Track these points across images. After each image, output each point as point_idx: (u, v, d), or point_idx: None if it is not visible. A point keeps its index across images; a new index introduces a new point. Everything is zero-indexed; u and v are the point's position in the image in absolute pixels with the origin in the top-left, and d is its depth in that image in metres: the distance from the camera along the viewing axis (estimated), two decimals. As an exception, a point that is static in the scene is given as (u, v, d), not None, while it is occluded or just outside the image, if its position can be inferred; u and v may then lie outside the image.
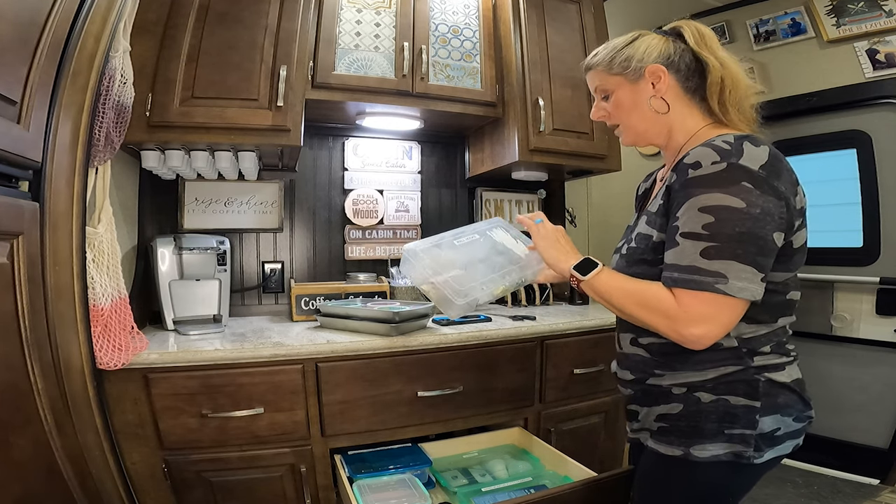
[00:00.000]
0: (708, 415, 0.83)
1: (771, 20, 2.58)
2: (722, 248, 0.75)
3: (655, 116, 0.93)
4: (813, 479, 2.31)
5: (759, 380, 0.82)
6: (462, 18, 1.90)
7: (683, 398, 0.86)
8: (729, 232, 0.74)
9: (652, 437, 0.91)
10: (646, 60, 0.91)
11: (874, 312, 2.29)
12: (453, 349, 1.49)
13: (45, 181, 0.97)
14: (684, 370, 0.86)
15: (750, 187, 0.75)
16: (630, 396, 0.98)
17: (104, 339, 1.14)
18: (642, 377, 0.92)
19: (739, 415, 0.81)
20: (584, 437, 1.72)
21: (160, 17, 1.44)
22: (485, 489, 1.32)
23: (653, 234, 0.87)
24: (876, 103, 2.28)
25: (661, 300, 0.79)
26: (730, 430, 0.81)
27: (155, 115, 1.40)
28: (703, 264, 0.75)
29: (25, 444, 0.91)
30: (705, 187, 0.76)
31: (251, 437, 1.29)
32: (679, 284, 0.77)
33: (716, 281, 0.74)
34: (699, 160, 0.78)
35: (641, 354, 0.92)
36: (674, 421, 0.87)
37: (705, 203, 0.76)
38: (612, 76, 0.95)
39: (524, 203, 2.42)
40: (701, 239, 0.76)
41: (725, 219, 0.74)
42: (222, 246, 1.68)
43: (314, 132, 2.03)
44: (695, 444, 0.83)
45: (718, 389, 0.83)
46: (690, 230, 0.77)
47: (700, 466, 0.83)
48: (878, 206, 2.30)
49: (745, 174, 0.75)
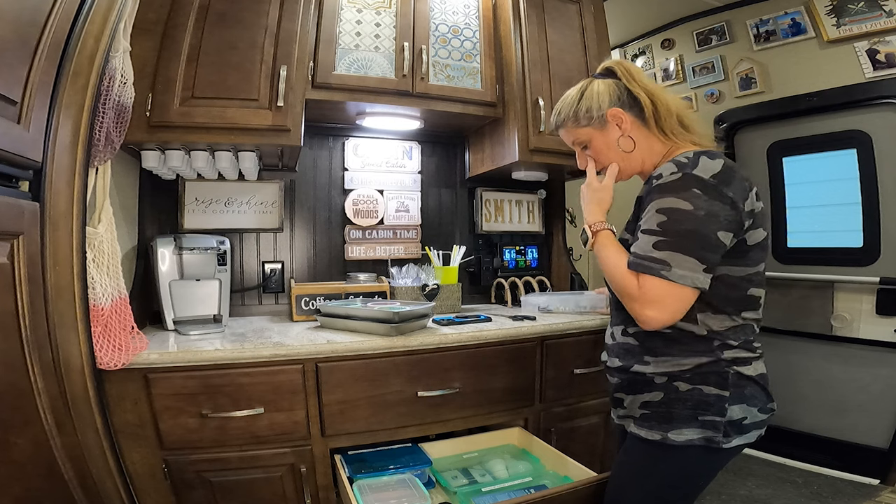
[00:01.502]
0: (684, 402, 0.94)
1: (771, 20, 2.58)
2: (669, 242, 0.88)
3: (627, 153, 1.06)
4: (813, 479, 2.31)
5: (728, 372, 0.93)
6: (462, 18, 1.90)
7: (664, 387, 0.97)
8: (676, 229, 0.88)
9: (635, 423, 1.01)
10: (602, 108, 1.04)
11: (874, 312, 2.29)
12: (453, 349, 1.49)
13: (45, 181, 0.97)
14: (665, 357, 0.97)
15: (699, 193, 0.88)
16: (617, 384, 1.07)
17: (104, 339, 1.14)
18: (628, 365, 1.02)
19: (711, 402, 0.92)
20: (584, 437, 1.72)
21: (160, 17, 1.44)
22: (485, 489, 1.32)
23: (629, 238, 1.02)
24: (876, 103, 2.28)
25: (627, 280, 0.93)
26: (703, 417, 0.92)
27: (155, 115, 1.41)
28: (654, 254, 0.89)
29: (25, 444, 0.91)
30: (663, 193, 0.91)
31: (251, 437, 1.29)
32: (633, 268, 0.92)
33: (661, 268, 0.88)
34: (662, 172, 0.93)
35: (630, 343, 1.03)
36: (655, 408, 0.98)
37: (661, 205, 0.90)
38: (581, 129, 1.08)
39: (524, 203, 2.42)
40: (654, 234, 0.90)
41: (675, 218, 0.88)
42: (222, 246, 1.68)
43: (314, 132, 2.03)
44: (672, 428, 0.94)
45: (694, 379, 0.94)
46: (648, 227, 0.92)
47: (676, 449, 0.94)
48: (878, 206, 2.30)
49: (696, 182, 0.89)
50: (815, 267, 2.48)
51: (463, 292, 2.09)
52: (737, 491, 2.19)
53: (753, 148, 2.72)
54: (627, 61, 1.11)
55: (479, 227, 2.31)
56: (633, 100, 1.04)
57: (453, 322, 1.63)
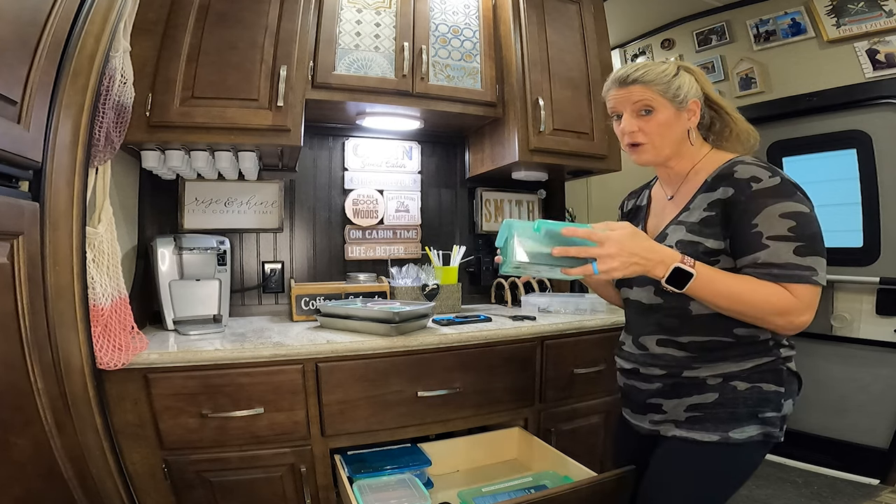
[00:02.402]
0: (745, 401, 0.94)
1: (771, 20, 2.58)
2: (808, 247, 0.87)
3: (684, 143, 1.03)
4: (813, 479, 2.31)
5: (782, 369, 0.96)
6: (462, 18, 1.90)
7: (719, 387, 0.95)
8: (808, 233, 0.87)
9: (679, 427, 0.99)
10: (690, 94, 1.01)
11: (874, 312, 2.29)
12: (453, 349, 1.49)
13: (45, 181, 0.97)
14: (724, 362, 0.95)
15: (802, 196, 0.90)
16: (654, 390, 1.03)
17: (104, 339, 1.14)
18: (676, 371, 1.00)
19: (771, 399, 0.94)
20: (584, 437, 1.72)
21: (160, 17, 1.44)
22: (485, 489, 1.32)
23: (702, 241, 0.95)
24: (876, 103, 2.28)
25: (779, 295, 0.87)
26: (763, 414, 0.94)
27: (155, 115, 1.40)
28: (798, 260, 0.87)
29: (25, 444, 0.91)
30: (777, 197, 0.88)
31: (251, 437, 1.29)
32: (783, 279, 0.87)
33: (811, 274, 0.86)
34: (755, 175, 0.91)
35: (674, 353, 1.00)
36: (709, 409, 0.96)
37: (784, 210, 0.88)
38: (663, 98, 1.00)
39: (524, 203, 2.42)
40: (790, 240, 0.87)
41: (803, 222, 0.87)
42: (222, 246, 1.68)
43: (314, 132, 2.03)
44: (733, 427, 0.94)
45: (752, 378, 0.94)
46: (777, 233, 0.88)
47: (736, 447, 0.94)
48: (878, 206, 2.30)
49: (794, 186, 0.90)
50: (815, 267, 2.48)
51: (463, 292, 2.09)
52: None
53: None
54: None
55: (479, 227, 2.31)
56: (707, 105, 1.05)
57: (453, 322, 1.63)
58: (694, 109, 1.02)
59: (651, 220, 1.13)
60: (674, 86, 0.99)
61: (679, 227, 0.99)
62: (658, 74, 1.00)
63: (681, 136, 1.02)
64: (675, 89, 0.99)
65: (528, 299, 1.98)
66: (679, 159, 1.04)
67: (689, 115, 1.02)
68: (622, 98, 1.02)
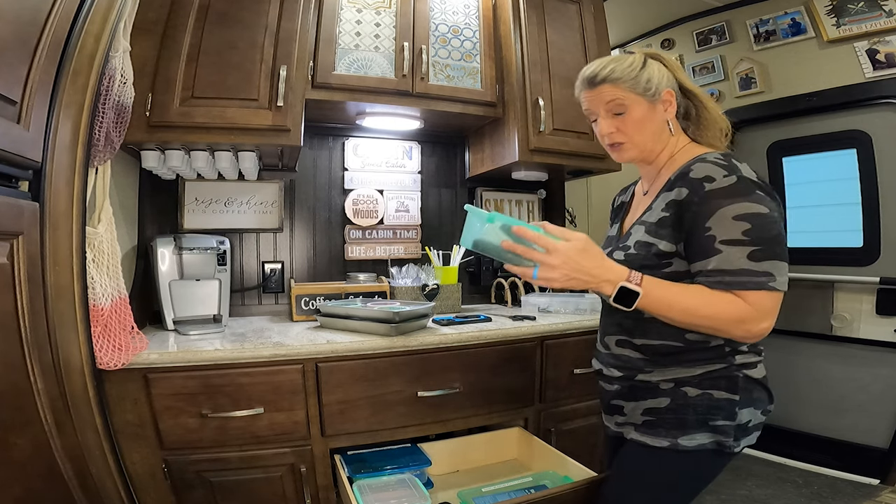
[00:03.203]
0: (695, 407, 0.91)
1: (771, 20, 2.58)
2: (765, 251, 0.82)
3: (664, 136, 1.00)
4: (813, 479, 2.31)
5: (738, 376, 0.91)
6: (462, 18, 1.90)
7: (671, 392, 0.93)
8: (765, 235, 0.83)
9: (636, 430, 0.98)
10: (663, 85, 0.98)
11: (874, 312, 2.29)
12: (453, 349, 1.49)
13: (45, 181, 0.97)
14: (674, 367, 0.93)
15: (762, 195, 0.84)
16: (615, 392, 1.03)
17: (104, 339, 1.14)
18: (631, 374, 0.99)
19: (722, 407, 0.90)
20: (584, 437, 1.72)
21: (160, 17, 1.43)
22: (485, 489, 1.32)
23: (656, 242, 0.92)
24: (876, 103, 2.28)
25: (732, 304, 0.83)
26: (713, 422, 0.90)
27: (155, 115, 1.40)
28: (752, 266, 0.82)
29: (25, 444, 0.91)
30: (731, 198, 0.84)
31: (251, 437, 1.29)
32: (732, 287, 0.83)
33: (768, 280, 0.82)
34: (709, 174, 0.86)
35: (630, 355, 0.99)
36: (661, 414, 0.94)
37: (738, 212, 0.83)
38: (634, 94, 0.97)
39: (524, 203, 2.42)
40: (744, 244, 0.83)
41: (760, 224, 0.83)
42: (222, 246, 1.68)
43: (314, 132, 2.03)
44: (682, 434, 0.91)
45: (704, 384, 0.91)
46: (730, 237, 0.83)
47: (686, 455, 0.91)
48: (878, 206, 2.30)
49: (754, 185, 0.85)
50: (815, 267, 2.48)
51: (463, 292, 2.08)
52: (737, 491, 2.19)
53: (753, 148, 2.72)
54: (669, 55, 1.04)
55: (479, 227, 2.30)
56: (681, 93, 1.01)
57: (453, 322, 1.63)
58: (669, 100, 0.98)
59: (629, 216, 1.11)
60: (643, 79, 0.96)
61: (640, 226, 0.97)
62: (625, 70, 0.97)
63: (660, 129, 0.99)
64: (646, 82, 0.96)
65: (528, 299, 1.98)
66: (662, 153, 1.01)
67: (664, 107, 0.98)
68: (594, 99, 1.01)
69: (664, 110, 0.98)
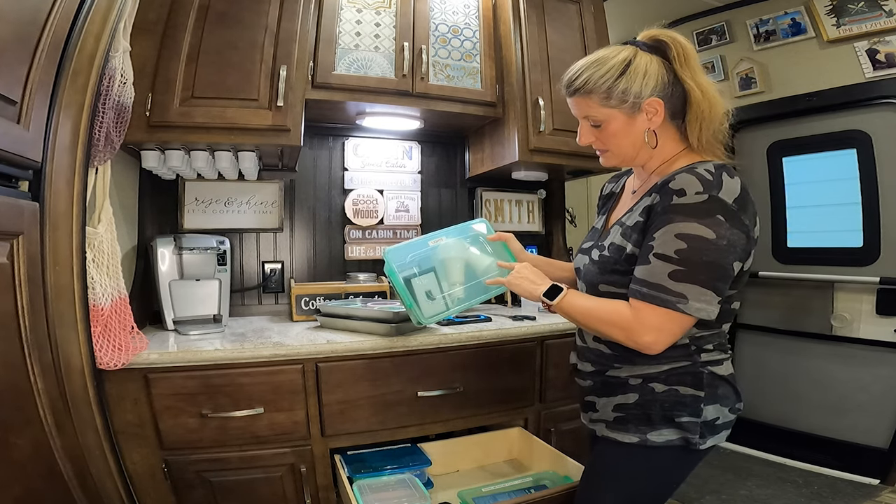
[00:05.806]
0: (661, 403, 0.92)
1: (771, 20, 2.58)
2: (687, 273, 0.83)
3: (641, 146, 0.97)
4: (813, 479, 2.31)
5: (703, 372, 0.92)
6: (462, 18, 1.90)
7: (639, 388, 0.95)
8: (697, 259, 0.82)
9: (608, 427, 0.99)
10: (643, 94, 0.91)
11: (874, 312, 2.29)
12: (453, 349, 1.49)
13: (45, 181, 0.97)
14: (641, 363, 0.94)
15: (722, 220, 0.82)
16: (588, 388, 1.05)
17: (104, 339, 1.14)
18: (602, 369, 1.01)
19: (687, 403, 0.91)
20: (584, 437, 1.71)
21: (160, 17, 1.43)
22: (485, 489, 1.32)
23: (626, 246, 0.93)
24: (876, 103, 2.28)
25: (619, 314, 0.88)
26: (679, 418, 0.91)
27: (155, 115, 1.40)
28: (669, 284, 0.83)
29: (25, 444, 0.91)
30: (685, 215, 0.83)
31: (251, 437, 1.29)
32: (644, 299, 0.85)
33: (678, 301, 0.83)
34: (684, 188, 0.84)
35: (602, 350, 1.00)
36: (630, 410, 0.95)
37: (681, 231, 0.83)
38: (605, 108, 0.93)
39: (524, 203, 2.42)
40: (671, 262, 0.84)
41: (696, 247, 0.82)
42: (222, 246, 1.68)
43: (314, 132, 2.03)
44: (650, 430, 0.93)
45: (670, 380, 0.92)
46: (663, 252, 0.84)
47: (655, 451, 0.92)
48: (878, 206, 2.30)
49: (721, 207, 0.82)
50: (815, 267, 2.47)
51: (463, 292, 2.08)
52: (737, 491, 2.19)
53: (753, 148, 2.72)
54: (686, 40, 0.92)
55: (479, 227, 2.31)
56: (677, 91, 0.92)
57: (453, 322, 1.63)
58: (652, 109, 0.91)
59: (615, 210, 1.09)
60: (617, 91, 0.90)
61: (618, 227, 0.97)
62: (599, 80, 0.91)
63: (641, 141, 0.95)
64: (621, 94, 0.90)
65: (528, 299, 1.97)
66: (651, 160, 0.98)
67: (648, 116, 0.92)
68: (573, 106, 1.00)
69: (648, 119, 0.93)
